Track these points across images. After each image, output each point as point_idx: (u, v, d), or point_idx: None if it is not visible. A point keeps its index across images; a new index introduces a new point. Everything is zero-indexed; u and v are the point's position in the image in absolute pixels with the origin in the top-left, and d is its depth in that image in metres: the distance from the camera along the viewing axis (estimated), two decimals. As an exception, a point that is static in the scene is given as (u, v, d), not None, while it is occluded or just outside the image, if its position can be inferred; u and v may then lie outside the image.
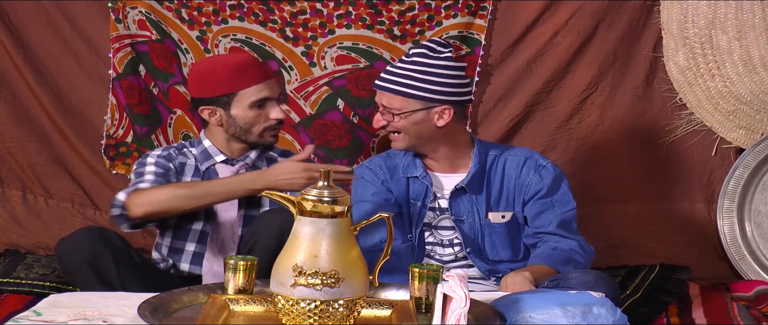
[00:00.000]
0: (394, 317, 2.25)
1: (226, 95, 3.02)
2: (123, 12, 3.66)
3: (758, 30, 3.49)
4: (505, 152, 3.05)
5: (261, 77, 3.05)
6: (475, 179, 2.98)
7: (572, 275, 2.75)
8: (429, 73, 2.91)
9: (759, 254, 3.53)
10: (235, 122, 3.04)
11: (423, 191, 3.00)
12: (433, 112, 2.93)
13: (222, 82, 3.02)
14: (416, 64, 2.93)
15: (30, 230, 3.74)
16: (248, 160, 3.12)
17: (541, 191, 2.97)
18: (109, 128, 3.73)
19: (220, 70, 3.04)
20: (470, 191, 2.98)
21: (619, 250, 3.64)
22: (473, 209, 2.98)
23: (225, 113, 3.04)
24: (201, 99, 3.06)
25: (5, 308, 2.96)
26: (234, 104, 3.03)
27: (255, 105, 3.03)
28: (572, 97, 3.68)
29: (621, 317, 2.22)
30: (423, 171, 3.01)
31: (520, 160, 3.01)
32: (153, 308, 2.22)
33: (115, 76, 3.69)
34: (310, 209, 2.13)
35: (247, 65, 3.06)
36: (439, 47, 2.95)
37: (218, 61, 3.18)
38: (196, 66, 3.26)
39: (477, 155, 2.99)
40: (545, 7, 3.64)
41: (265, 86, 3.05)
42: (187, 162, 3.12)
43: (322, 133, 3.70)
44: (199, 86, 3.07)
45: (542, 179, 2.98)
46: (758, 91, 3.52)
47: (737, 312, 3.03)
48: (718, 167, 3.63)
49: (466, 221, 2.98)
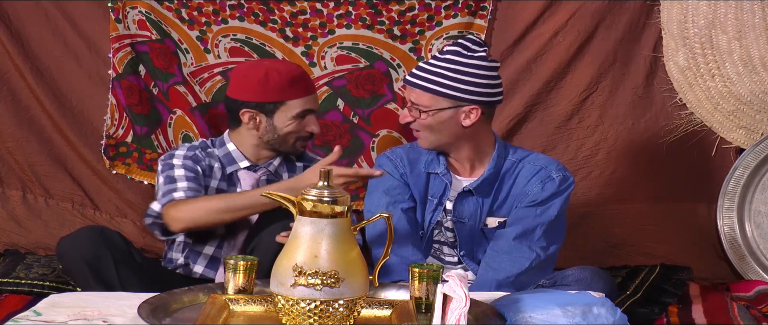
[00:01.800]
0: (394, 317, 2.25)
1: (274, 103, 3.04)
2: (123, 12, 3.66)
3: (758, 30, 3.49)
4: (526, 159, 3.01)
5: (308, 90, 3.09)
6: (485, 184, 2.96)
7: (568, 271, 2.75)
8: (460, 71, 2.88)
9: (759, 254, 3.53)
10: (275, 130, 3.06)
11: (442, 188, 2.99)
12: (461, 112, 2.91)
13: (273, 90, 3.03)
14: (448, 62, 2.90)
15: (30, 230, 3.74)
16: (271, 167, 3.13)
17: (535, 201, 2.94)
18: (109, 128, 3.73)
19: (274, 77, 3.04)
20: (477, 194, 2.96)
21: (619, 250, 3.64)
22: (477, 212, 2.97)
23: (266, 120, 3.06)
24: (245, 102, 3.06)
25: (5, 308, 2.96)
26: (279, 113, 3.05)
27: (298, 116, 3.05)
28: (572, 97, 3.68)
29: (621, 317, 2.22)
30: (445, 169, 2.99)
31: (535, 169, 2.97)
32: (153, 308, 2.22)
33: (115, 76, 3.69)
34: (310, 209, 2.13)
35: (299, 77, 3.08)
36: (473, 46, 2.92)
37: (272, 68, 3.10)
38: (247, 68, 3.17)
39: (495, 159, 2.97)
40: (545, 7, 3.64)
41: (310, 99, 3.08)
42: (215, 165, 3.12)
43: (322, 133, 3.70)
44: (246, 89, 3.06)
45: (543, 190, 2.94)
46: (758, 91, 3.52)
47: (737, 312, 3.03)
48: (718, 167, 3.63)
49: (467, 224, 2.97)
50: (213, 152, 3.14)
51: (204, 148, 3.14)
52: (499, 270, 2.86)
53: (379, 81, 3.67)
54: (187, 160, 3.07)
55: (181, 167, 3.05)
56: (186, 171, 3.04)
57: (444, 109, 2.90)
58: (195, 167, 3.06)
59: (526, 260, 2.87)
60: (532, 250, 2.89)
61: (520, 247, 2.89)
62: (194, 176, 3.04)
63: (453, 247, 3.01)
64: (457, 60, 2.89)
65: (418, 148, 3.05)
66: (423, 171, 3.02)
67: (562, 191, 2.96)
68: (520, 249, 2.88)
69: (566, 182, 2.98)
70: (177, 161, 3.06)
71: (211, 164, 3.12)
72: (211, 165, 3.12)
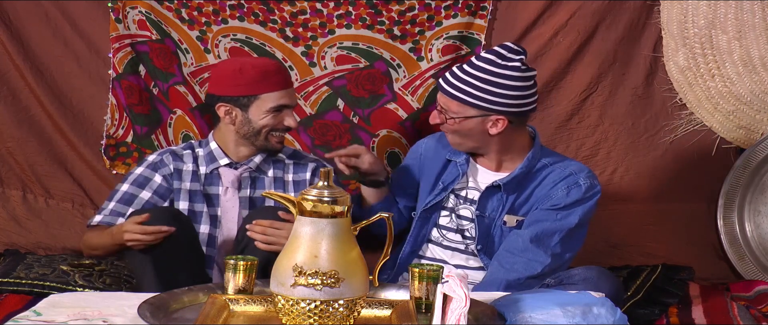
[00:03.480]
0: (394, 317, 2.25)
1: (248, 97, 3.06)
2: (123, 12, 3.66)
3: (758, 30, 3.49)
4: (558, 163, 3.01)
5: (284, 84, 3.10)
6: (515, 182, 2.97)
7: (575, 271, 2.75)
8: (490, 82, 2.87)
9: (759, 254, 3.53)
10: (250, 124, 3.08)
11: (454, 175, 3.02)
12: (488, 121, 2.92)
13: (247, 83, 3.06)
14: (480, 70, 2.90)
15: (30, 230, 3.74)
16: (252, 164, 3.14)
17: (558, 205, 2.93)
18: (109, 128, 3.73)
19: (248, 71, 3.07)
20: (505, 191, 2.97)
21: (619, 250, 3.64)
22: (500, 208, 2.97)
23: (242, 114, 3.08)
24: (221, 96, 3.09)
25: (5, 308, 2.96)
26: (253, 107, 3.07)
27: (273, 110, 3.07)
28: (572, 97, 3.68)
29: (621, 317, 2.22)
30: (464, 159, 3.02)
31: (564, 174, 2.96)
32: (153, 308, 2.23)
33: (115, 76, 3.69)
34: (310, 209, 2.13)
35: (274, 71, 3.10)
36: (509, 54, 2.91)
37: (247, 62, 3.20)
38: (223, 63, 3.30)
39: (529, 159, 2.97)
40: (545, 7, 3.64)
41: (285, 94, 3.09)
42: (184, 168, 3.13)
43: (322, 134, 3.70)
44: (222, 83, 3.10)
45: (568, 196, 2.93)
46: (758, 91, 3.52)
47: (737, 312, 3.03)
48: (718, 167, 3.63)
49: (487, 218, 2.98)
50: (188, 154, 3.16)
51: (181, 151, 3.17)
52: (511, 271, 2.86)
53: (379, 81, 3.67)
54: (145, 169, 3.13)
55: (129, 182, 3.12)
56: (130, 186, 3.10)
57: (470, 118, 2.92)
58: (146, 181, 3.12)
59: (540, 265, 2.86)
60: (547, 255, 2.88)
61: (536, 250, 2.88)
62: (131, 195, 3.09)
63: (461, 234, 3.01)
64: (489, 69, 2.89)
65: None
66: (445, 156, 3.07)
67: (587, 199, 2.94)
68: (535, 252, 2.87)
69: (592, 190, 2.96)
70: (130, 177, 3.14)
71: (180, 168, 3.14)
72: (180, 168, 3.14)
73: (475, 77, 2.90)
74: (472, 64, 2.93)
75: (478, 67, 2.90)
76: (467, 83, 2.90)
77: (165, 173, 3.12)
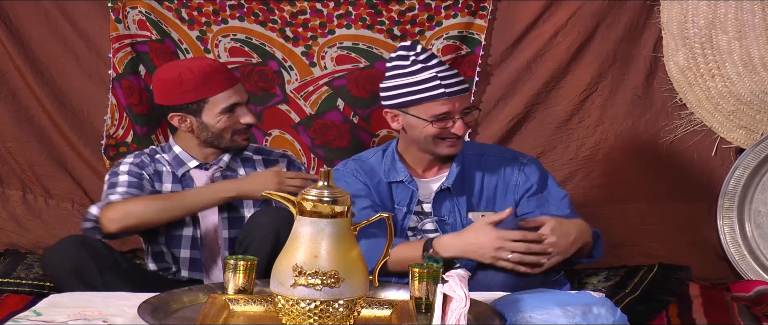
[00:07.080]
0: (394, 317, 2.25)
1: (196, 102, 3.00)
2: (123, 12, 3.66)
3: (758, 30, 3.49)
4: (484, 152, 3.05)
5: (229, 83, 3.03)
6: (458, 180, 2.98)
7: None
8: None
9: (759, 254, 3.53)
10: (207, 129, 3.03)
11: (408, 195, 2.99)
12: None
13: (190, 89, 2.99)
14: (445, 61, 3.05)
15: (30, 230, 3.74)
16: (222, 163, 3.11)
17: (532, 188, 2.97)
18: (109, 128, 3.73)
19: (187, 77, 3.00)
20: (454, 192, 2.97)
21: (619, 250, 3.64)
22: (454, 208, 2.97)
23: (196, 120, 3.02)
24: (169, 107, 3.04)
25: (5, 308, 2.96)
26: (205, 111, 3.01)
27: (226, 111, 3.01)
28: (572, 97, 3.68)
29: (621, 317, 2.22)
30: (407, 175, 2.98)
31: (501, 161, 3.01)
32: (153, 308, 2.22)
33: (115, 76, 3.69)
34: (310, 209, 2.13)
35: (214, 71, 3.02)
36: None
37: (184, 67, 3.07)
38: (160, 73, 3.13)
39: (459, 156, 2.99)
40: (545, 7, 3.64)
41: (233, 92, 3.03)
42: (164, 169, 3.11)
43: (322, 134, 3.71)
44: (165, 93, 3.03)
45: (528, 177, 2.98)
46: (758, 91, 3.52)
47: (737, 312, 3.03)
48: (718, 167, 3.63)
49: (448, 221, 2.97)
50: (161, 157, 3.12)
51: (152, 155, 3.13)
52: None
53: (379, 81, 3.67)
54: (132, 166, 3.07)
55: (125, 173, 3.05)
56: (129, 177, 3.04)
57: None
58: (139, 172, 3.06)
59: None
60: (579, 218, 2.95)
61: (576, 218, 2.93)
62: (137, 181, 3.03)
63: None
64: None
65: (367, 159, 3.04)
66: (384, 181, 3.00)
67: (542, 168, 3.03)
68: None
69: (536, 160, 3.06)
70: (123, 168, 3.07)
71: (160, 169, 3.11)
72: (160, 170, 3.11)
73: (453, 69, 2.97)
74: (442, 61, 2.99)
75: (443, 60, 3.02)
76: (459, 74, 2.97)
77: (149, 172, 3.09)
